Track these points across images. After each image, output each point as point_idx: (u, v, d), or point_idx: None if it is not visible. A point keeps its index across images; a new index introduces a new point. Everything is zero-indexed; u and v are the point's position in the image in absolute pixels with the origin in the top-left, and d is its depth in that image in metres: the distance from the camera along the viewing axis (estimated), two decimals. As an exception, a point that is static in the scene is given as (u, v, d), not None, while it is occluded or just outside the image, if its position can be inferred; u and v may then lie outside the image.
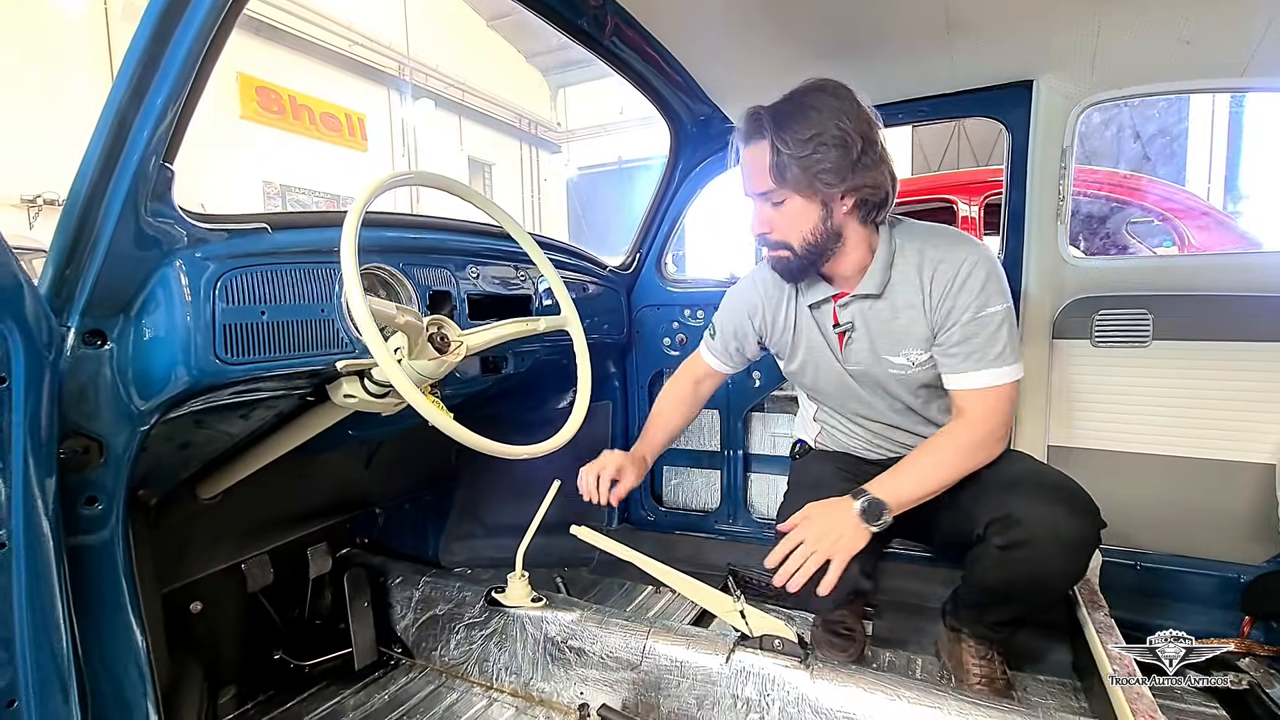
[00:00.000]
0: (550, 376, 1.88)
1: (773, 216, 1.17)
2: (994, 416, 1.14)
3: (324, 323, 0.98)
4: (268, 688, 1.36)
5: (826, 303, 1.28)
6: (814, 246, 1.17)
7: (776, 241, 1.19)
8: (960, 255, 1.16)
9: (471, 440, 0.90)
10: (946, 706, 0.99)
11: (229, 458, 1.25)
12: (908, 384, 1.26)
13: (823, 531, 1.10)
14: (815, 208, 1.14)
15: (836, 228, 1.16)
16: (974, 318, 1.13)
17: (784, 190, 1.13)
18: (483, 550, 2.02)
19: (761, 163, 1.13)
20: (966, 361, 1.15)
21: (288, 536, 1.51)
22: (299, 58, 9.86)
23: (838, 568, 1.06)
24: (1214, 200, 5.35)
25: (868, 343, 1.25)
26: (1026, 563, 1.09)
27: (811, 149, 1.08)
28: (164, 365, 0.82)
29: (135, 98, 0.76)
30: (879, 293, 1.21)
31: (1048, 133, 1.45)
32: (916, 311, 1.19)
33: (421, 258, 1.17)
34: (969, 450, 1.15)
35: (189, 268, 0.82)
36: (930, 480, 1.14)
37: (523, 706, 1.28)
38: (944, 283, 1.16)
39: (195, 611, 1.29)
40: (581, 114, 14.52)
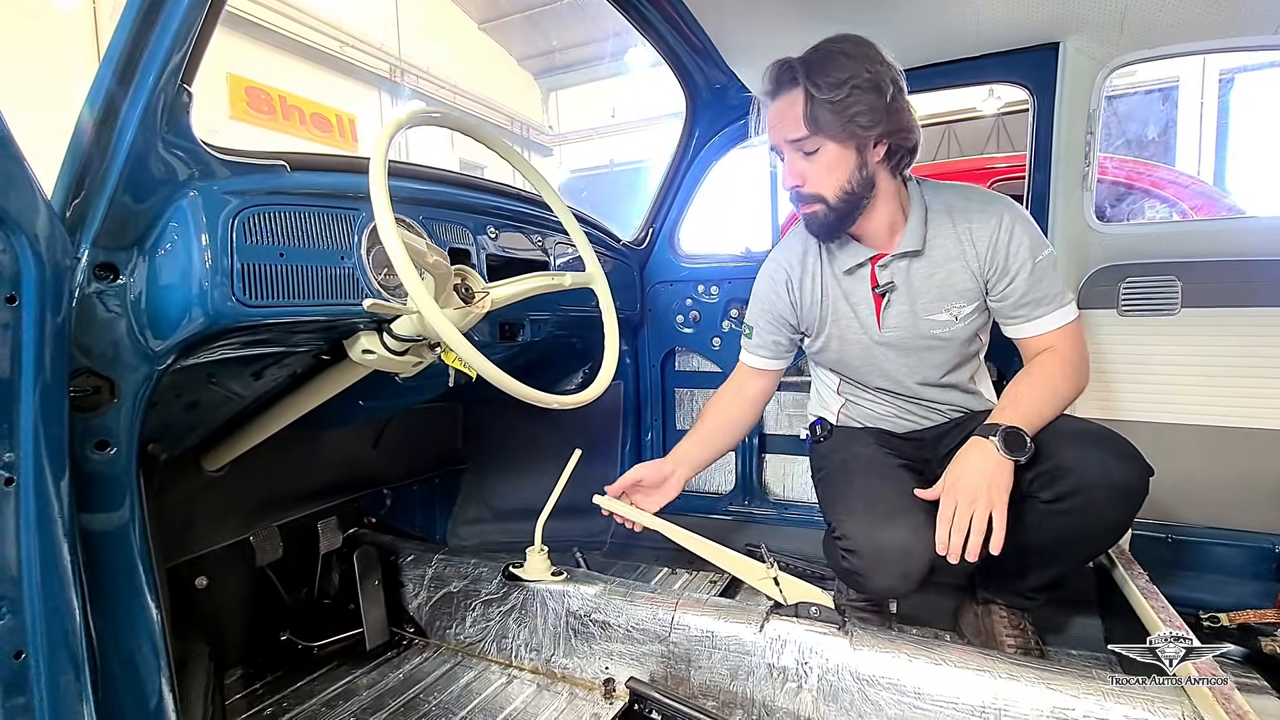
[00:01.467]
0: (560, 355, 1.84)
1: (805, 168, 1.14)
2: (1080, 347, 1.17)
3: (343, 271, 0.93)
4: (276, 668, 1.30)
5: (863, 266, 1.24)
6: (849, 197, 1.13)
7: (810, 194, 1.15)
8: (996, 209, 1.17)
9: (509, 384, 0.85)
10: (995, 670, 0.95)
11: (235, 426, 1.20)
12: (946, 345, 1.23)
13: (973, 487, 1.03)
14: (850, 155, 1.11)
15: (870, 176, 1.13)
16: (1034, 266, 1.14)
17: (818, 137, 1.09)
18: (491, 535, 1.97)
19: (793, 111, 1.09)
20: (1039, 309, 1.16)
21: (294, 514, 1.45)
22: (289, 58, 9.78)
23: (1000, 517, 1.01)
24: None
25: (908, 304, 1.22)
26: (1076, 513, 1.05)
27: (846, 92, 1.05)
28: (179, 303, 0.77)
29: (151, 13, 0.71)
30: (920, 248, 1.18)
31: (1074, 96, 1.43)
32: (958, 264, 1.17)
33: (441, 213, 1.13)
34: (1072, 370, 1.14)
35: (206, 201, 0.77)
36: (1050, 398, 1.11)
37: (544, 683, 1.23)
38: (988, 237, 1.15)
39: (200, 588, 1.23)
40: (573, 117, 14.51)
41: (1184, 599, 1.14)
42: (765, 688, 1.07)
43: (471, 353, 0.80)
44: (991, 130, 7.03)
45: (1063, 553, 1.14)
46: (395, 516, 1.78)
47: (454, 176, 1.24)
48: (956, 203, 1.20)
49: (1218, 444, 1.44)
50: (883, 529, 1.10)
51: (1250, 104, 6.97)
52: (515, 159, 1.08)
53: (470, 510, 2.00)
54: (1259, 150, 6.83)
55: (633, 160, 12.64)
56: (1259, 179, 6.77)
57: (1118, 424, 1.53)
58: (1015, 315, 1.18)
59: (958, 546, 1.02)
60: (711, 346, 1.92)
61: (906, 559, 1.07)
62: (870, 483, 1.20)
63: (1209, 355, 1.44)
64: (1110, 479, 1.04)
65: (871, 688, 1.00)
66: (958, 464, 1.08)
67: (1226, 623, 1.34)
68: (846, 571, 1.14)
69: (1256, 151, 6.83)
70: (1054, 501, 1.06)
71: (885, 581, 1.10)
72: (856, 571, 1.11)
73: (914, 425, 1.36)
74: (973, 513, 1.02)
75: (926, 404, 1.33)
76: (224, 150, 0.82)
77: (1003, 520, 1.01)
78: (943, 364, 1.26)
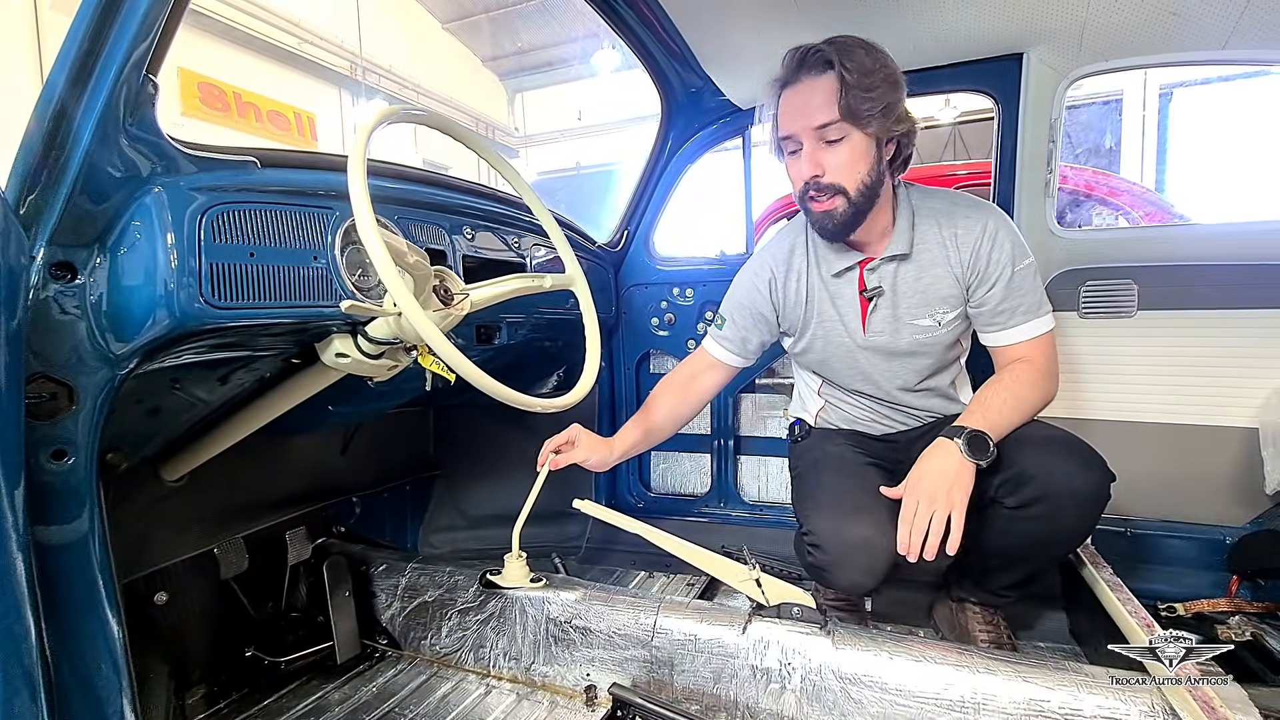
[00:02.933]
0: (534, 360, 1.81)
1: (826, 157, 1.10)
2: (1052, 358, 1.18)
3: (316, 272, 0.90)
4: (241, 685, 1.24)
5: (852, 269, 1.23)
6: (868, 191, 1.11)
7: (829, 185, 1.11)
8: (981, 215, 1.18)
9: (493, 388, 0.83)
10: (974, 665, 0.97)
11: (198, 433, 1.15)
12: (928, 350, 1.25)
13: (934, 487, 1.04)
14: (870, 148, 1.09)
15: (881, 175, 1.13)
16: (1013, 274, 1.15)
17: (847, 124, 1.06)
18: (464, 542, 1.93)
19: (820, 96, 1.07)
20: (1015, 316, 1.17)
21: (260, 524, 1.39)
22: (245, 54, 9.47)
23: (959, 519, 1.01)
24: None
25: (892, 308, 1.23)
26: (1040, 520, 1.07)
27: (878, 80, 1.04)
28: (143, 304, 0.73)
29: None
30: (908, 252, 1.19)
31: (1037, 106, 1.48)
32: (942, 270, 1.18)
33: (417, 212, 1.10)
34: (1042, 380, 1.15)
35: (172, 197, 0.73)
36: (1017, 405, 1.12)
37: (524, 692, 1.21)
38: (972, 242, 1.16)
39: (160, 603, 1.17)
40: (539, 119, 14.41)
41: (1142, 590, 1.18)
42: (749, 690, 1.07)
43: (456, 356, 0.78)
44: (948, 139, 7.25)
45: (1029, 555, 1.16)
46: (365, 525, 1.73)
47: (429, 175, 1.21)
48: (944, 207, 1.20)
49: (1173, 441, 1.50)
50: (847, 524, 1.11)
51: (1187, 117, 7.38)
52: (497, 161, 1.06)
53: (443, 518, 1.96)
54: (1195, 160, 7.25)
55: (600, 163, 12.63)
56: (1195, 187, 7.17)
57: (1079, 422, 1.59)
58: (992, 323, 1.20)
59: (916, 546, 1.03)
60: (687, 349, 1.92)
61: (869, 554, 1.09)
62: (838, 480, 1.22)
63: (1164, 356, 1.50)
64: (1074, 487, 1.05)
65: (854, 686, 1.01)
66: (921, 464, 1.08)
67: (1183, 612, 1.40)
68: (813, 566, 1.16)
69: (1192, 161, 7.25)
70: (1019, 508, 1.08)
71: (849, 576, 1.11)
72: (822, 566, 1.13)
73: (890, 429, 1.38)
74: (932, 513, 1.02)
75: (904, 409, 1.34)
76: (191, 145, 0.78)
77: (960, 522, 1.02)
78: (924, 369, 1.28)
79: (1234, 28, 1.28)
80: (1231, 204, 6.43)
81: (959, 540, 1.01)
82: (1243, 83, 6.81)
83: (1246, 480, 1.44)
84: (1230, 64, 1.35)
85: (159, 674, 1.11)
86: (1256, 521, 1.46)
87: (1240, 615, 1.34)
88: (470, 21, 12.01)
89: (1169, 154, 7.37)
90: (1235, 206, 6.37)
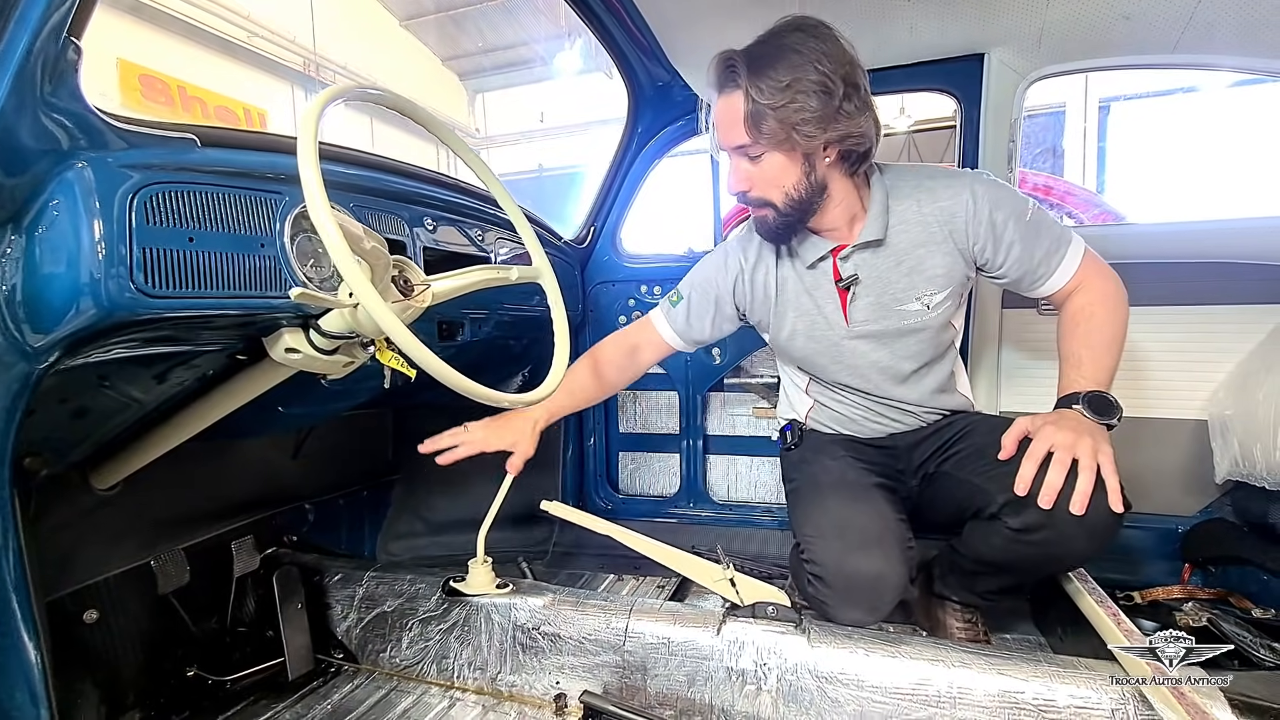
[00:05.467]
0: (498, 358, 1.76)
1: (751, 172, 1.08)
2: (1101, 271, 1.15)
3: (264, 260, 0.83)
4: (181, 708, 1.16)
5: (824, 259, 1.19)
6: (798, 203, 1.09)
7: (757, 199, 1.11)
8: (963, 183, 1.13)
9: (459, 381, 0.78)
10: (949, 660, 0.97)
11: (132, 436, 1.06)
12: (919, 334, 1.19)
13: (1073, 431, 0.94)
14: (796, 161, 1.06)
15: (820, 181, 1.09)
16: (1026, 226, 1.11)
17: (761, 144, 1.04)
18: (426, 549, 1.86)
19: (735, 114, 1.03)
20: (1052, 259, 1.13)
21: (202, 535, 1.30)
22: (190, 46, 9.08)
23: (1113, 468, 0.92)
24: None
25: (876, 295, 1.18)
26: (1043, 545, 1.01)
27: (789, 97, 0.99)
28: (64, 292, 0.66)
29: (30, -48, 0.61)
30: (881, 237, 1.14)
31: (998, 106, 1.51)
32: (928, 249, 1.14)
33: (374, 201, 1.05)
34: (1107, 300, 1.11)
35: (99, 173, 0.67)
36: (1107, 340, 1.08)
37: (490, 704, 1.16)
38: (963, 213, 1.12)
39: (89, 622, 1.08)
40: (501, 120, 14.23)
41: (1099, 579, 1.21)
42: (724, 692, 1.05)
43: (419, 349, 0.73)
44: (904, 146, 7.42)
45: (1026, 573, 1.14)
46: (319, 533, 1.65)
47: (388, 162, 1.15)
48: (922, 183, 1.15)
49: (1126, 433, 1.52)
50: (855, 558, 1.05)
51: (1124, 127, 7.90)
52: (461, 148, 1.01)
53: (402, 524, 1.88)
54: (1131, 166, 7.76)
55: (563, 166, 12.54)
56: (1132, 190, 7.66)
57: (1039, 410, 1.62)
58: (1033, 277, 1.15)
59: (1056, 485, 0.92)
60: (655, 347, 1.89)
61: (876, 592, 1.04)
62: (844, 504, 1.14)
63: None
64: (1084, 517, 0.94)
65: (830, 685, 0.99)
66: (1050, 415, 1.01)
67: (1139, 600, 1.43)
68: (813, 598, 1.10)
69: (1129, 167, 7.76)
70: (1022, 531, 1.02)
71: (852, 613, 1.06)
72: (824, 600, 1.08)
73: (885, 429, 1.32)
74: (1076, 453, 0.92)
75: (896, 405, 1.29)
76: (122, 119, 0.71)
77: (1113, 469, 0.92)
78: (916, 355, 1.22)
79: (1181, 33, 1.32)
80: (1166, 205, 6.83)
81: (1118, 491, 0.91)
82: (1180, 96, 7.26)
83: (1197, 470, 1.49)
84: (1179, 68, 1.40)
85: (88, 698, 1.02)
86: (1206, 511, 1.51)
87: (1193, 602, 1.38)
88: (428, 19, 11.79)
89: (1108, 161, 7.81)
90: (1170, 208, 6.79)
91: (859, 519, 1.10)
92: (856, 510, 1.12)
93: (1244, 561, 1.39)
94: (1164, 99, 7.50)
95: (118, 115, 0.72)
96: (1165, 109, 7.51)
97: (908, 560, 1.07)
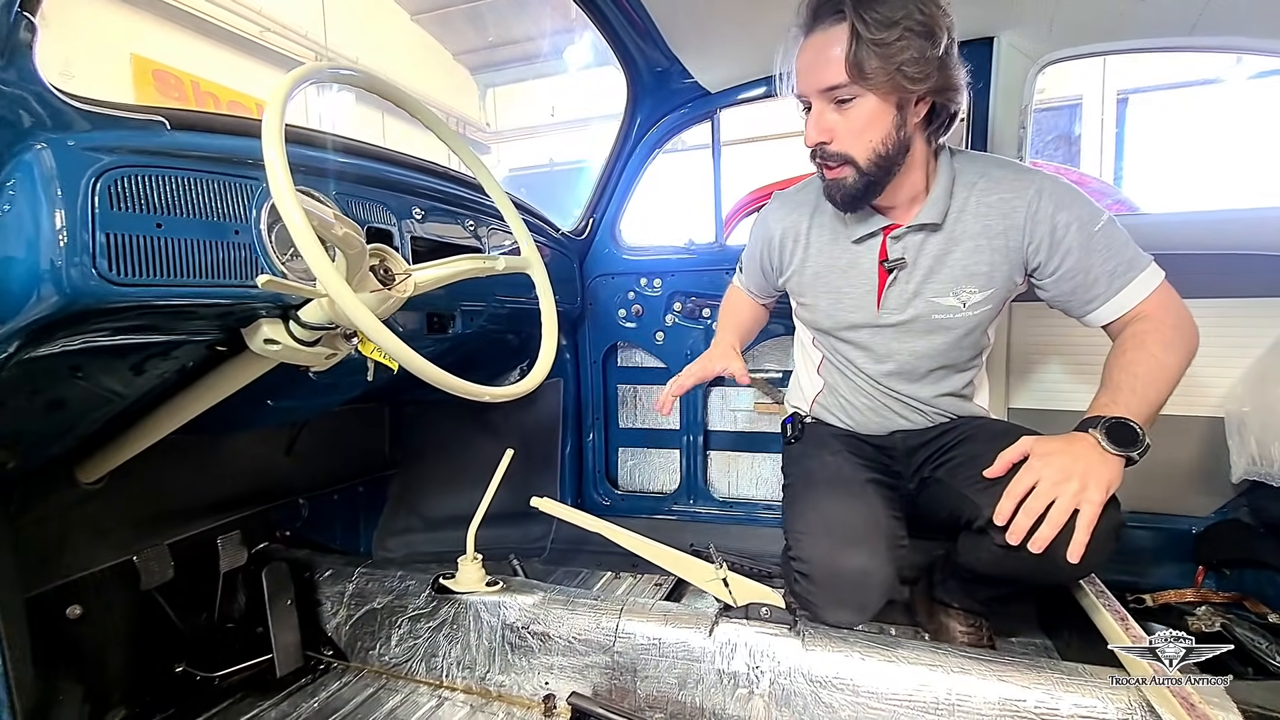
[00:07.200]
0: (493, 352, 1.74)
1: (836, 122, 0.98)
2: (1174, 308, 1.02)
3: (238, 248, 0.81)
4: (166, 705, 1.14)
5: (874, 236, 1.11)
6: (881, 160, 0.99)
7: (837, 153, 1.00)
8: (1031, 180, 1.05)
9: (434, 374, 0.76)
10: (948, 665, 0.93)
11: (115, 430, 1.05)
12: (945, 333, 1.13)
13: (1067, 466, 0.88)
14: (888, 111, 0.96)
15: (907, 139, 1.00)
16: (1092, 236, 1.01)
17: (858, 85, 0.94)
18: (422, 545, 1.84)
19: (833, 50, 0.94)
20: (1114, 281, 1.01)
21: (188, 530, 1.29)
22: (202, 42, 9.09)
23: (1089, 517, 0.85)
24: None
25: (916, 283, 1.11)
26: (1032, 561, 0.92)
27: (897, 34, 0.90)
28: (24, 279, 0.64)
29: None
30: (939, 222, 1.06)
31: (1008, 91, 1.45)
32: (979, 243, 1.06)
33: (358, 188, 1.02)
34: (1171, 335, 0.99)
35: (59, 155, 0.64)
36: (1153, 374, 0.96)
37: (478, 704, 1.13)
38: (1023, 210, 1.03)
39: (73, 617, 1.07)
40: (512, 115, 14.20)
41: (1109, 581, 1.16)
42: (715, 695, 1.02)
43: (389, 339, 0.71)
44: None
45: (1019, 584, 1.09)
46: (313, 529, 1.63)
47: (375, 149, 1.12)
48: (989, 171, 1.07)
49: (1141, 431, 1.49)
50: (840, 553, 1.02)
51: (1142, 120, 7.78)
52: (445, 132, 0.99)
53: (399, 520, 1.87)
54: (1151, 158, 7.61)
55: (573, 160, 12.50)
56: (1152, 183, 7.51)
57: (1048, 414, 1.57)
58: (1089, 297, 1.04)
59: (1023, 529, 0.88)
60: (655, 341, 1.86)
61: (862, 589, 1.01)
62: (834, 500, 1.10)
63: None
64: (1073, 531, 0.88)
65: (824, 689, 0.96)
66: (1051, 442, 0.94)
67: (1150, 603, 1.38)
68: (799, 596, 1.07)
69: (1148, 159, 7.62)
70: (1008, 548, 0.93)
71: (838, 612, 1.03)
72: (809, 598, 1.04)
73: (889, 424, 1.27)
74: (1055, 497, 0.87)
75: (905, 400, 1.23)
76: (83, 99, 0.69)
77: (1089, 523, 0.85)
78: (938, 354, 1.15)
79: (1200, 15, 1.26)
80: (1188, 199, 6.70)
81: (1083, 547, 0.86)
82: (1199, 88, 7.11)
83: (1211, 470, 1.43)
84: (1195, 50, 1.34)
85: (72, 694, 1.01)
86: (1221, 511, 1.46)
87: (1207, 606, 1.34)
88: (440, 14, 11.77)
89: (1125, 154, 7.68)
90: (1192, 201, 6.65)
91: (848, 515, 1.06)
92: (846, 507, 1.08)
93: (1260, 564, 1.34)
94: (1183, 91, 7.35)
95: (81, 97, 0.69)
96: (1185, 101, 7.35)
97: (897, 559, 1.03)
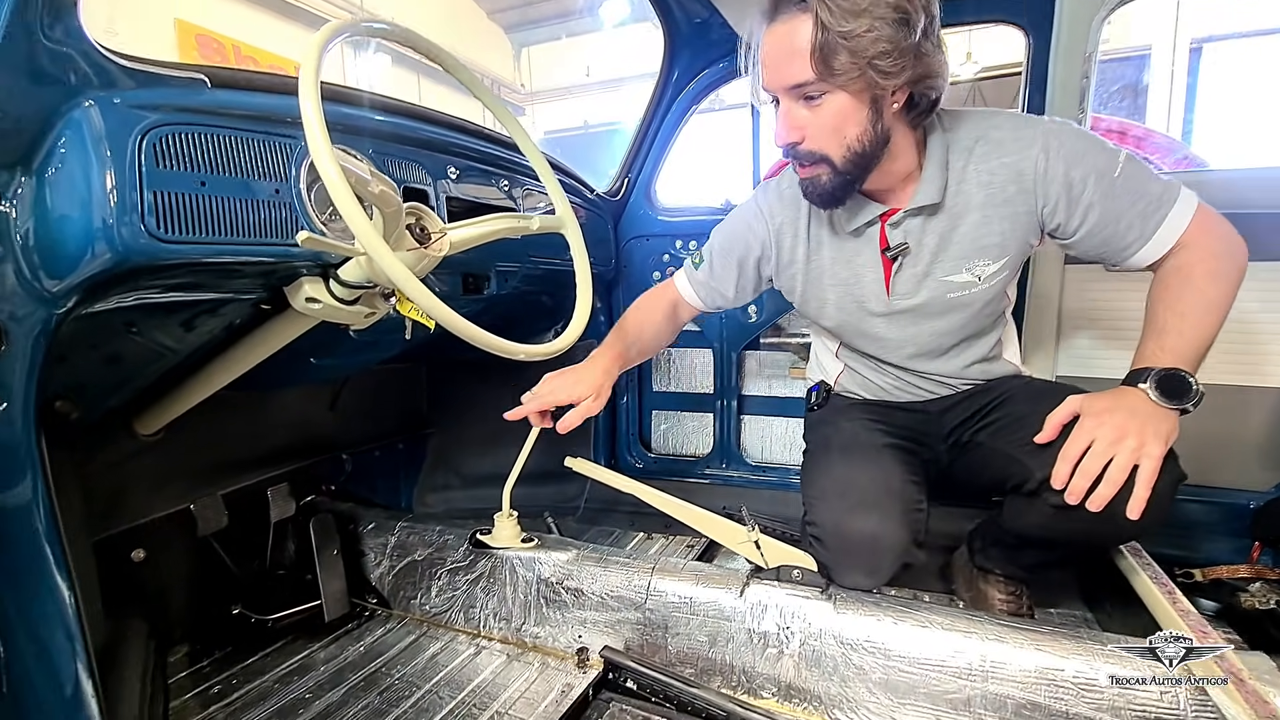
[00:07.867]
0: (528, 313, 1.74)
1: (806, 119, 0.92)
2: (1214, 231, 0.93)
3: (279, 206, 0.82)
4: (224, 644, 1.22)
5: (871, 225, 1.06)
6: (858, 158, 0.93)
7: (810, 153, 0.94)
8: (1034, 134, 0.96)
9: (471, 331, 0.76)
10: (983, 632, 0.92)
11: (170, 384, 1.09)
12: (962, 310, 1.08)
13: (1119, 428, 0.84)
14: (861, 106, 0.89)
15: (885, 132, 0.92)
16: (1108, 184, 0.93)
17: (826, 82, 0.87)
18: (460, 502, 1.89)
19: (796, 43, 0.86)
20: (1148, 222, 0.93)
21: (241, 481, 1.35)
22: (242, 6, 9.19)
23: (1151, 474, 0.82)
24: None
25: (924, 265, 1.05)
26: (1088, 521, 0.88)
27: (866, 24, 0.82)
28: (78, 237, 0.65)
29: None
30: (938, 200, 1.00)
31: (1071, 39, 1.36)
32: (989, 213, 1.00)
33: (394, 147, 1.02)
34: (1214, 262, 0.91)
35: (106, 113, 0.65)
36: (1200, 310, 0.90)
37: (514, 653, 1.18)
38: (1032, 171, 0.95)
39: (137, 560, 1.14)
40: (546, 75, 13.99)
41: (1158, 555, 1.13)
42: (745, 654, 1.03)
43: (427, 297, 0.71)
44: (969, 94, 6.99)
45: (1071, 548, 1.06)
46: (356, 484, 1.69)
47: (411, 107, 1.12)
48: (987, 134, 0.99)
49: (1200, 401, 1.42)
50: (851, 517, 1.02)
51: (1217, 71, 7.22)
52: (477, 87, 0.97)
53: (438, 477, 1.92)
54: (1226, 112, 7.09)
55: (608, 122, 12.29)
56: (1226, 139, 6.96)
57: (1099, 382, 1.50)
58: (1123, 245, 0.96)
59: (1081, 489, 0.85)
60: (690, 305, 1.84)
61: (873, 553, 1.01)
62: (849, 464, 1.09)
63: (1194, 312, 1.41)
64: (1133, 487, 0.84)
65: (855, 652, 0.96)
66: (1102, 399, 0.90)
67: (1200, 578, 1.34)
68: (815, 560, 1.08)
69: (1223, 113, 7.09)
70: (1065, 509, 0.89)
71: (850, 575, 1.04)
72: (823, 561, 1.05)
73: (918, 397, 1.23)
74: (1114, 454, 0.83)
75: (930, 377, 1.19)
76: (126, 56, 0.70)
77: (1149, 477, 0.82)
78: (955, 333, 1.11)
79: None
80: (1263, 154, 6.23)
81: (1144, 503, 0.82)
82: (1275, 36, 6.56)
83: (1272, 443, 1.37)
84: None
85: (138, 632, 1.07)
86: (1282, 486, 1.39)
87: (1261, 582, 1.29)
88: (474, -29, 11.56)
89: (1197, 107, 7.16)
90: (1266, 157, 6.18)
91: (861, 479, 1.06)
92: (860, 471, 1.08)
93: (1323, 543, 1.28)
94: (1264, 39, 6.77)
95: (123, 54, 0.70)
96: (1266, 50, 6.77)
97: (911, 523, 1.03)
